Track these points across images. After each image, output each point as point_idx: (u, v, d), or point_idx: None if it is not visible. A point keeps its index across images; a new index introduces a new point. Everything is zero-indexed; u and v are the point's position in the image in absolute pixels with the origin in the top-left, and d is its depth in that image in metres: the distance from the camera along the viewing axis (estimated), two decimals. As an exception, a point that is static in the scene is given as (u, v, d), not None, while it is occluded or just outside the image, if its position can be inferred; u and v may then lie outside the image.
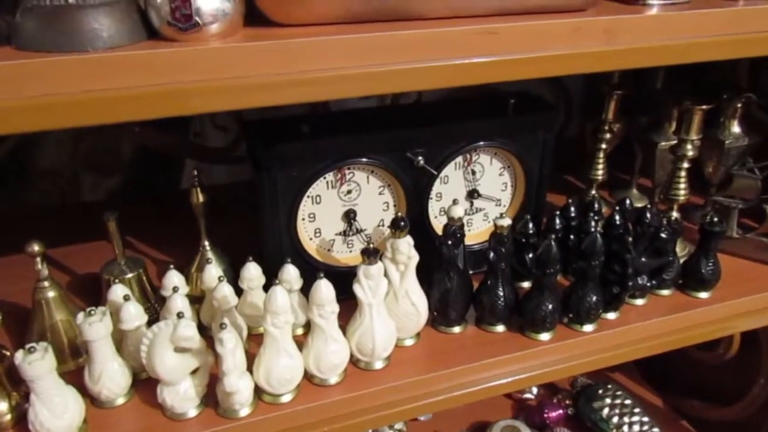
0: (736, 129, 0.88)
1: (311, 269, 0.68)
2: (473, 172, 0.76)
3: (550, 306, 0.68)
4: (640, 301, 0.77)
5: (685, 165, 0.82)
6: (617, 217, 0.75)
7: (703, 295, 0.78)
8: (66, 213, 1.00)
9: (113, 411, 0.62)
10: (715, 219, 0.75)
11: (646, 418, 1.04)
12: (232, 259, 0.77)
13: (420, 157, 0.70)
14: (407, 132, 0.70)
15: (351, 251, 0.75)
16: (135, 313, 0.62)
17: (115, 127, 0.95)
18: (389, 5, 0.52)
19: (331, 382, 0.65)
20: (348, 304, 0.64)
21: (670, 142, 0.87)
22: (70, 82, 0.43)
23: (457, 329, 0.72)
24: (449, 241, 0.67)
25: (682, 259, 0.79)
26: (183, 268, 0.74)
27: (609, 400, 1.07)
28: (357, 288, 0.63)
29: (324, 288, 0.60)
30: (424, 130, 0.71)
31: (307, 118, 0.77)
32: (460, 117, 0.75)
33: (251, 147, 0.70)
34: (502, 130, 0.74)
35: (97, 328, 0.58)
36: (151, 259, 0.84)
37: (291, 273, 0.66)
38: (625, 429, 1.03)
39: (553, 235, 0.68)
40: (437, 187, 0.75)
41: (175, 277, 0.66)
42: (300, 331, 0.71)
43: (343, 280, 0.65)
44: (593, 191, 0.94)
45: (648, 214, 0.74)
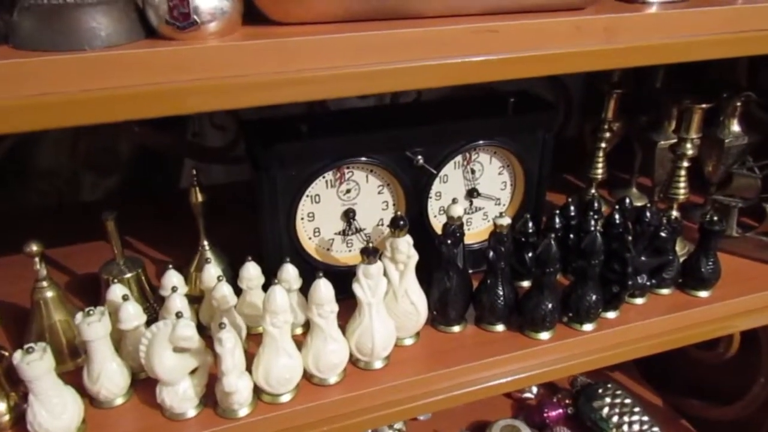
0: (736, 128, 0.88)
1: (310, 269, 0.68)
2: (473, 171, 0.76)
3: (550, 305, 0.68)
4: (639, 300, 0.77)
5: (685, 164, 0.82)
6: (617, 216, 0.75)
7: (702, 294, 0.78)
8: (64, 213, 0.99)
9: (112, 411, 0.62)
10: (715, 218, 0.75)
11: (645, 418, 1.04)
12: (231, 259, 0.77)
13: (419, 156, 0.70)
14: (406, 131, 0.70)
15: (350, 250, 0.75)
16: (134, 312, 0.62)
17: (114, 126, 0.95)
18: (388, 4, 0.52)
19: (330, 382, 0.65)
20: (347, 304, 0.64)
21: (670, 141, 0.87)
22: (68, 81, 0.43)
23: (456, 328, 0.72)
24: (449, 241, 0.67)
25: (681, 258, 0.79)
26: (182, 268, 0.74)
27: (609, 400, 1.07)
28: (356, 287, 0.63)
29: (323, 287, 0.60)
30: (424, 129, 0.71)
31: (305, 117, 0.77)
32: (459, 116, 0.75)
33: (250, 146, 0.69)
34: (502, 129, 0.74)
35: (96, 328, 0.58)
36: (150, 259, 0.84)
37: (290, 272, 0.66)
38: (625, 428, 1.03)
39: (553, 234, 0.68)
40: (437, 186, 0.75)
41: (174, 277, 0.66)
42: (299, 330, 0.71)
43: (343, 279, 0.65)
44: (593, 190, 0.94)
45: (648, 213, 0.74)
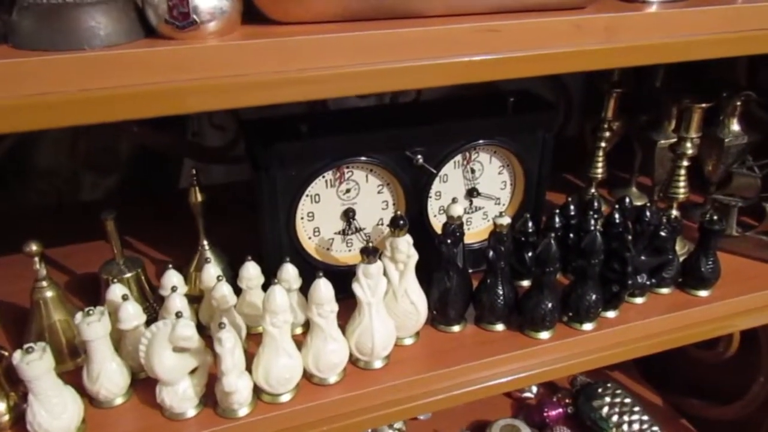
0: (736, 127, 0.88)
1: (310, 268, 0.68)
2: (472, 171, 0.76)
3: (550, 305, 0.68)
4: (639, 300, 0.77)
5: (685, 163, 0.82)
6: (617, 215, 0.75)
7: (702, 293, 0.78)
8: (64, 213, 0.99)
9: (112, 411, 0.62)
10: (715, 217, 0.75)
11: (645, 417, 1.04)
12: (230, 259, 0.77)
13: (419, 156, 0.70)
14: (406, 130, 0.70)
15: (350, 250, 0.75)
16: (133, 312, 0.62)
17: (113, 126, 0.95)
18: (388, 3, 0.52)
19: (330, 382, 0.65)
20: (347, 303, 0.64)
21: (670, 141, 0.87)
22: (67, 80, 0.43)
23: (456, 328, 0.72)
24: (448, 240, 0.67)
25: (681, 257, 0.79)
26: (182, 268, 0.74)
27: (608, 399, 1.07)
28: (356, 287, 0.63)
29: (323, 287, 0.60)
30: (423, 128, 0.71)
31: (305, 117, 0.77)
32: (459, 115, 0.75)
33: (250, 146, 0.69)
34: (502, 129, 0.74)
35: (96, 328, 0.58)
36: (150, 259, 0.84)
37: (290, 272, 0.66)
38: (625, 428, 1.03)
39: (553, 234, 0.68)
40: (436, 185, 0.74)
41: (173, 277, 0.66)
42: (299, 330, 0.71)
43: (342, 279, 0.64)
44: (593, 190, 0.94)
45: (647, 213, 0.74)
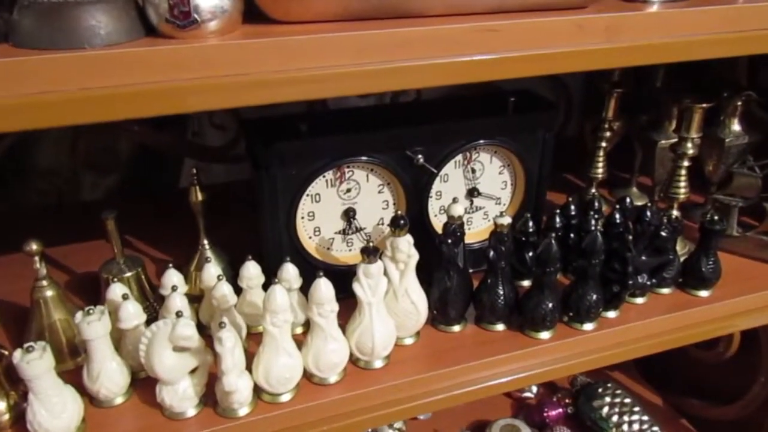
0: (736, 127, 0.88)
1: (310, 268, 0.68)
2: (473, 171, 0.76)
3: (550, 305, 0.68)
4: (640, 300, 0.77)
5: (685, 163, 0.82)
6: (617, 215, 0.75)
7: (703, 293, 0.78)
8: (64, 212, 0.99)
9: (112, 410, 0.62)
10: (716, 217, 0.75)
11: (645, 417, 1.04)
12: (231, 258, 0.77)
13: (420, 156, 0.70)
14: (407, 130, 0.70)
15: (350, 250, 0.74)
16: (134, 312, 0.62)
17: (114, 125, 0.95)
18: (388, 3, 0.52)
19: (330, 381, 0.65)
20: (347, 303, 0.64)
21: (670, 141, 0.87)
22: (68, 79, 0.42)
23: (456, 328, 0.72)
24: (449, 240, 0.67)
25: (682, 257, 0.79)
26: (182, 267, 0.74)
27: (609, 399, 1.07)
28: (356, 287, 0.63)
29: (323, 287, 0.60)
30: (424, 128, 0.71)
31: (306, 116, 0.77)
32: (459, 115, 0.75)
33: (250, 145, 0.69)
34: (502, 129, 0.74)
35: (96, 327, 0.58)
36: (150, 258, 0.84)
37: (290, 272, 0.66)
38: (625, 428, 1.03)
39: (553, 234, 0.68)
40: (437, 185, 0.74)
41: (174, 276, 0.66)
42: (299, 330, 0.71)
43: (343, 278, 0.64)
44: (593, 190, 0.94)
45: (648, 213, 0.74)
